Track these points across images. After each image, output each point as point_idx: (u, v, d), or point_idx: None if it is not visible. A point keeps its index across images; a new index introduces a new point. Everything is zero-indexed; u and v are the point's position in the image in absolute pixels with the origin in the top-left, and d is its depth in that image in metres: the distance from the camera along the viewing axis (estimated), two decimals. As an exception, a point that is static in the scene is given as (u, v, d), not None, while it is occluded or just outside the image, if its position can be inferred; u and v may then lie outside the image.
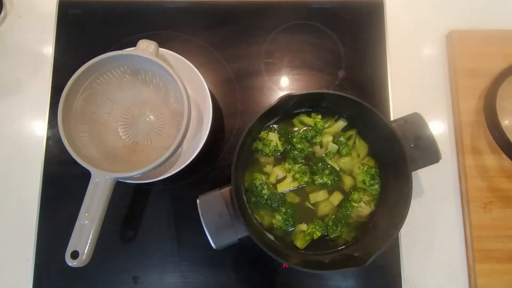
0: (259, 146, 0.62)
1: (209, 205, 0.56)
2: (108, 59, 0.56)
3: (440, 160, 0.59)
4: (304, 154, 0.62)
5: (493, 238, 0.65)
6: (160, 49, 0.60)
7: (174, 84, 0.56)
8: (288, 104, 0.61)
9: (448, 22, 0.75)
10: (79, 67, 0.55)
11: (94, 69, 0.57)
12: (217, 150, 0.70)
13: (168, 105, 0.66)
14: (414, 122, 0.60)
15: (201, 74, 0.62)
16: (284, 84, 0.73)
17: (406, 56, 0.74)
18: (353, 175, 0.63)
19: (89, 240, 0.51)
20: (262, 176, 0.61)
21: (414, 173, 0.59)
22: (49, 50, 0.74)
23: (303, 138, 0.62)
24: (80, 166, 0.53)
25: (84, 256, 0.50)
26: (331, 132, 0.64)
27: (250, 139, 0.62)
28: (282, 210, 0.60)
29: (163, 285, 0.65)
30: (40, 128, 0.71)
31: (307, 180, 0.61)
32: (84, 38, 0.75)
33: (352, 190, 0.62)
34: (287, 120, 0.64)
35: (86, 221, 0.51)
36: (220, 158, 0.69)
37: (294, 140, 0.62)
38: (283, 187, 0.62)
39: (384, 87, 0.72)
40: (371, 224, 0.61)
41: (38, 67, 0.74)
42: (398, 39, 0.74)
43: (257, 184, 0.60)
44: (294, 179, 0.61)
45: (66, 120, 0.55)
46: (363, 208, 0.61)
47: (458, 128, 0.70)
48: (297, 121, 0.64)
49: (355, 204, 0.61)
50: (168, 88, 0.64)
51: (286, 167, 0.62)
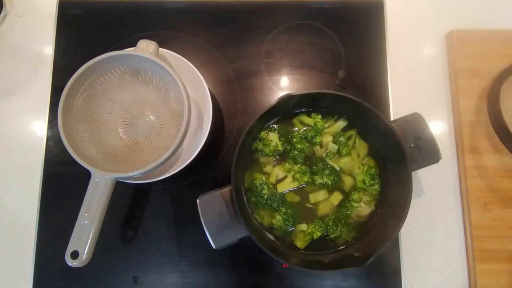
0: (259, 146, 0.62)
1: (209, 205, 0.56)
2: (108, 59, 0.56)
3: (440, 160, 0.59)
4: (304, 154, 0.62)
5: (493, 238, 0.65)
6: (160, 49, 0.60)
7: (174, 84, 0.56)
8: (288, 104, 0.61)
9: (448, 22, 0.75)
10: (79, 67, 0.55)
11: (94, 69, 0.57)
12: (217, 150, 0.70)
13: (168, 105, 0.66)
14: (414, 122, 0.60)
15: (201, 74, 0.62)
16: (284, 84, 0.73)
17: (406, 56, 0.74)
18: (353, 175, 0.63)
19: (89, 240, 0.51)
20: (262, 176, 0.61)
21: (414, 173, 0.59)
22: (49, 50, 0.74)
23: (303, 138, 0.62)
24: (80, 166, 0.53)
25: (84, 256, 0.50)
26: (331, 132, 0.64)
27: (250, 139, 0.62)
28: (282, 210, 0.60)
29: (163, 285, 0.65)
30: (40, 128, 0.71)
31: (307, 180, 0.61)
32: (84, 38, 0.75)
33: (352, 190, 0.62)
34: (287, 120, 0.64)
35: (86, 221, 0.51)
36: (220, 158, 0.69)
37: (294, 140, 0.62)
38: (283, 187, 0.62)
39: (384, 87, 0.72)
40: (371, 224, 0.61)
41: (38, 67, 0.74)
42: (398, 39, 0.74)
43: (257, 184, 0.60)
44: (294, 179, 0.61)
45: (66, 120, 0.55)
46: (363, 208, 0.61)
47: (458, 128, 0.70)
48: (297, 121, 0.64)
49: (355, 204, 0.61)
50: (168, 88, 0.64)
51: (286, 167, 0.62)
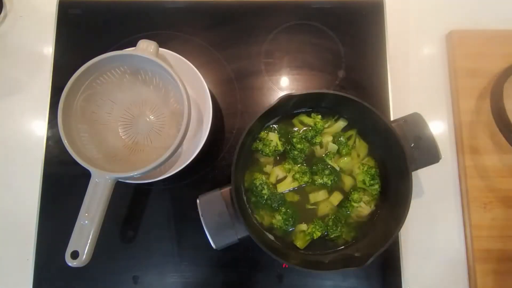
0: (259, 146, 0.62)
1: (209, 205, 0.56)
2: (108, 59, 0.56)
3: (440, 160, 0.59)
4: (304, 154, 0.62)
5: (493, 238, 0.65)
6: (160, 49, 0.60)
7: (174, 84, 0.56)
8: (288, 104, 0.61)
9: (448, 22, 0.75)
10: (79, 67, 0.55)
11: (94, 69, 0.57)
12: (217, 150, 0.70)
13: (168, 105, 0.66)
14: (414, 122, 0.60)
15: (201, 74, 0.62)
16: (284, 84, 0.73)
17: (406, 56, 0.74)
18: (353, 175, 0.63)
19: (89, 240, 0.51)
20: (262, 176, 0.61)
21: (414, 173, 0.59)
22: (49, 50, 0.74)
23: (303, 138, 0.62)
24: (80, 166, 0.53)
25: (84, 256, 0.50)
26: (331, 132, 0.64)
27: (250, 139, 0.62)
28: (282, 210, 0.60)
29: (163, 285, 0.65)
30: (40, 128, 0.71)
31: (307, 180, 0.61)
32: (84, 38, 0.75)
33: (352, 190, 0.62)
34: (287, 120, 0.64)
35: (86, 221, 0.51)
36: (220, 158, 0.69)
37: (294, 140, 0.62)
38: (283, 187, 0.61)
39: (384, 87, 0.72)
40: (371, 224, 0.61)
41: (38, 67, 0.74)
42: (398, 39, 0.74)
43: (257, 184, 0.60)
44: (294, 179, 0.61)
45: (66, 120, 0.55)
46: (363, 208, 0.61)
47: (458, 128, 0.70)
48: (297, 121, 0.64)
49: (355, 204, 0.61)
50: (168, 88, 0.64)
51: (286, 167, 0.62)
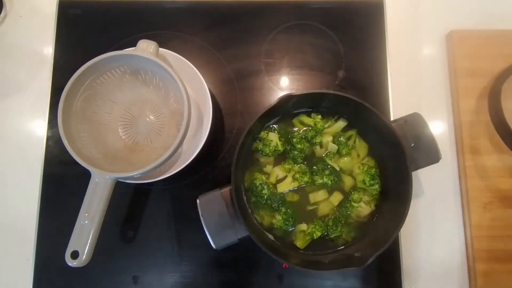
0: (259, 146, 0.62)
1: (209, 205, 0.56)
2: (108, 59, 0.56)
3: (440, 160, 0.59)
4: (304, 154, 0.62)
5: (493, 238, 0.65)
6: (160, 49, 0.60)
7: (174, 84, 0.56)
8: (288, 104, 0.61)
9: (448, 22, 0.75)
10: (79, 67, 0.55)
11: (94, 69, 0.57)
12: (217, 150, 0.70)
13: (168, 105, 0.66)
14: (414, 122, 0.60)
15: (201, 74, 0.62)
16: (284, 84, 0.73)
17: (406, 56, 0.74)
18: (353, 175, 0.63)
19: (89, 240, 0.51)
20: (262, 176, 0.61)
21: (414, 173, 0.59)
22: (49, 50, 0.74)
23: (303, 138, 0.62)
24: (80, 166, 0.53)
25: (84, 256, 0.50)
26: (331, 132, 0.64)
27: (250, 139, 0.62)
28: (282, 210, 0.60)
29: (163, 285, 0.65)
30: (40, 128, 0.71)
31: (307, 180, 0.61)
32: (84, 38, 0.75)
33: (352, 190, 0.62)
34: (287, 120, 0.64)
35: (86, 221, 0.51)
36: (220, 158, 0.69)
37: (294, 140, 0.62)
38: (283, 187, 0.61)
39: (384, 87, 0.72)
40: (371, 224, 0.61)
41: (38, 67, 0.74)
42: (398, 39, 0.74)
43: (257, 184, 0.60)
44: (294, 179, 0.61)
45: (66, 120, 0.55)
46: (363, 208, 0.61)
47: (458, 128, 0.70)
48: (297, 121, 0.64)
49: (355, 204, 0.61)
50: (168, 88, 0.64)
51: (286, 167, 0.62)
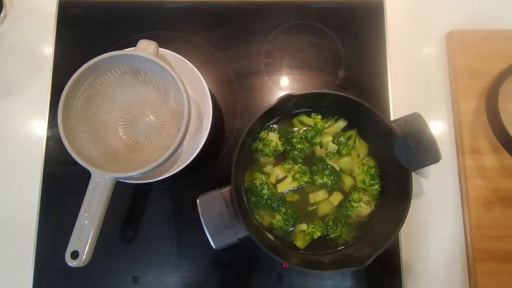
0: (259, 146, 0.62)
1: (209, 205, 0.56)
2: (108, 59, 0.56)
3: (440, 160, 0.59)
4: (304, 154, 0.62)
5: (493, 238, 0.65)
6: (160, 49, 0.60)
7: (174, 84, 0.56)
8: (288, 104, 0.61)
9: (448, 22, 0.75)
10: (79, 67, 0.55)
11: (94, 69, 0.57)
12: (217, 150, 0.70)
13: (168, 105, 0.66)
14: (414, 122, 0.60)
15: (201, 74, 0.62)
16: (284, 84, 0.73)
17: (406, 56, 0.74)
18: (353, 175, 0.63)
19: (89, 240, 0.51)
20: (262, 176, 0.61)
21: (414, 173, 0.59)
22: (49, 50, 0.74)
23: (303, 138, 0.62)
24: (80, 166, 0.53)
25: (84, 256, 0.50)
26: (331, 132, 0.64)
27: (250, 139, 0.62)
28: (282, 210, 0.60)
29: (163, 285, 0.65)
30: (40, 128, 0.71)
31: (307, 180, 0.61)
32: (84, 38, 0.75)
33: (352, 190, 0.62)
34: (287, 120, 0.64)
35: (86, 221, 0.51)
36: (220, 158, 0.69)
37: (294, 140, 0.62)
38: (283, 187, 0.62)
39: (384, 87, 0.72)
40: (371, 224, 0.61)
41: (38, 67, 0.74)
42: (398, 39, 0.74)
43: (257, 184, 0.60)
44: (294, 179, 0.61)
45: (66, 120, 0.55)
46: (363, 208, 0.61)
47: (458, 128, 0.70)
48: (297, 121, 0.64)
49: (355, 204, 0.61)
50: (168, 88, 0.64)
51: (286, 167, 0.62)
